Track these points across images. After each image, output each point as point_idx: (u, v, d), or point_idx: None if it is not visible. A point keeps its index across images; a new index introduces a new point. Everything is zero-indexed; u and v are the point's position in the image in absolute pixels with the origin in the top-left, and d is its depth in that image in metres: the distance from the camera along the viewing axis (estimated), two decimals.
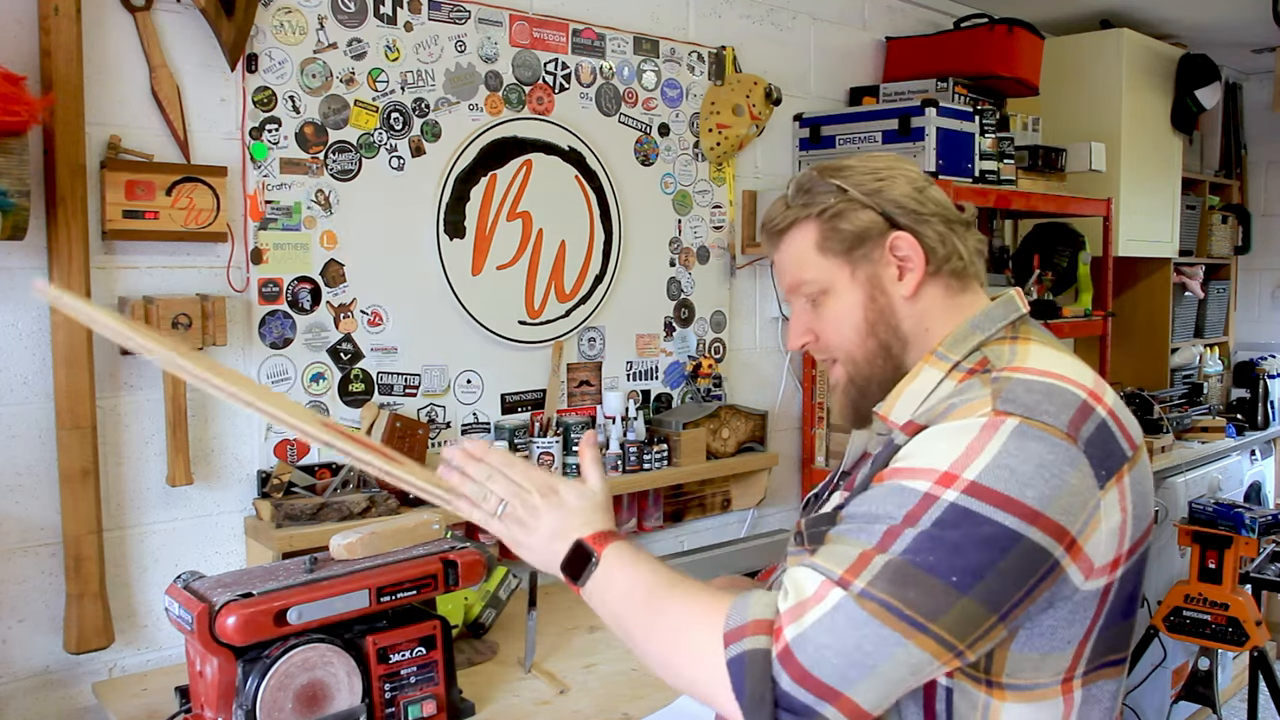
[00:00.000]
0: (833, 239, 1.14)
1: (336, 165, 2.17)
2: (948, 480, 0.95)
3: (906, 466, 1.00)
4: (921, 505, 0.95)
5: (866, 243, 1.13)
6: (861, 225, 1.13)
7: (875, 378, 1.15)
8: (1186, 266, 4.32)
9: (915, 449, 1.01)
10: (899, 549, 0.93)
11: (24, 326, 1.83)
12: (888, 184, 1.14)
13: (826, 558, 0.97)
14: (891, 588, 0.92)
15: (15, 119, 1.61)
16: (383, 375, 2.26)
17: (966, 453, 0.96)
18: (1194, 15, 3.84)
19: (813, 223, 1.15)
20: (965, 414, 1.00)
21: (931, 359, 1.11)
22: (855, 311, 1.15)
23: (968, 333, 1.12)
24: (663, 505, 2.65)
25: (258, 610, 1.44)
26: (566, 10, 2.52)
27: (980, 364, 1.08)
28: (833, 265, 1.15)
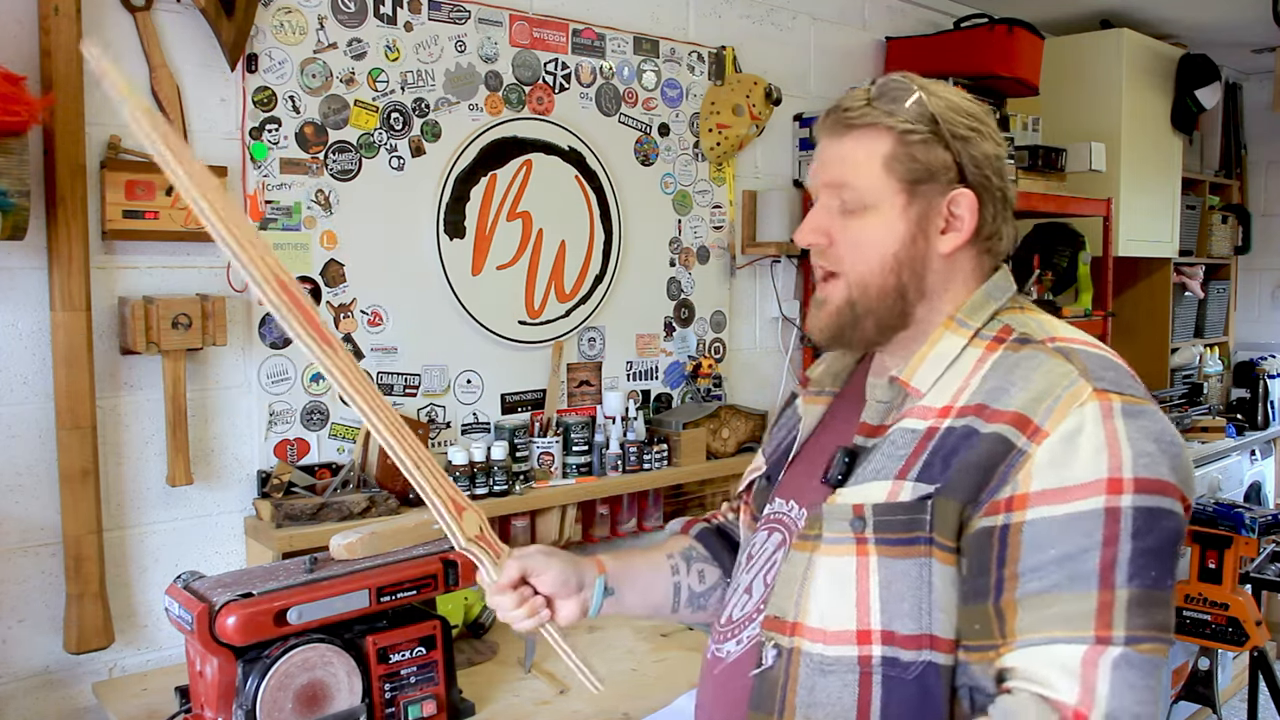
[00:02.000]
0: (903, 162, 1.06)
1: (336, 165, 2.16)
2: (1116, 487, 0.93)
3: (1061, 486, 0.94)
4: (1111, 524, 0.92)
5: (932, 183, 1.07)
6: (936, 164, 1.07)
7: (877, 313, 1.09)
8: (1186, 266, 4.33)
9: (1052, 464, 0.95)
10: (1123, 579, 0.92)
11: (24, 326, 1.83)
12: (978, 136, 1.08)
13: (1057, 625, 0.92)
14: (1145, 619, 0.92)
15: (15, 119, 1.61)
16: (383, 375, 2.26)
17: (1110, 451, 0.94)
18: (1194, 15, 3.84)
19: (890, 135, 1.07)
20: (1072, 402, 0.96)
21: (952, 325, 1.08)
22: (891, 242, 1.08)
23: (983, 300, 1.10)
24: (663, 505, 2.65)
25: (258, 610, 1.44)
26: (566, 10, 2.52)
27: (1004, 331, 1.06)
28: (890, 186, 1.07)
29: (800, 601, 1.05)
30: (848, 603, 1.02)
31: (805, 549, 1.07)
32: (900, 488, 1.01)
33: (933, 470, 1.00)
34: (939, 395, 1.05)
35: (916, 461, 1.02)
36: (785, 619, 1.06)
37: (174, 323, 1.88)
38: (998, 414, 0.99)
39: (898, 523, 1.00)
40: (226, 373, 2.05)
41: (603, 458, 2.48)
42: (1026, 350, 1.03)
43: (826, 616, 1.03)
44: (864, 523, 1.02)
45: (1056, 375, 0.99)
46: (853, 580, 1.02)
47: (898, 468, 1.03)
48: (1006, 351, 1.04)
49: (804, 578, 1.06)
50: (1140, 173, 3.77)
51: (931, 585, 0.99)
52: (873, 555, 1.01)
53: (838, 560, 1.03)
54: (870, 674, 1.00)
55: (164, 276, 1.96)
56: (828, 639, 1.02)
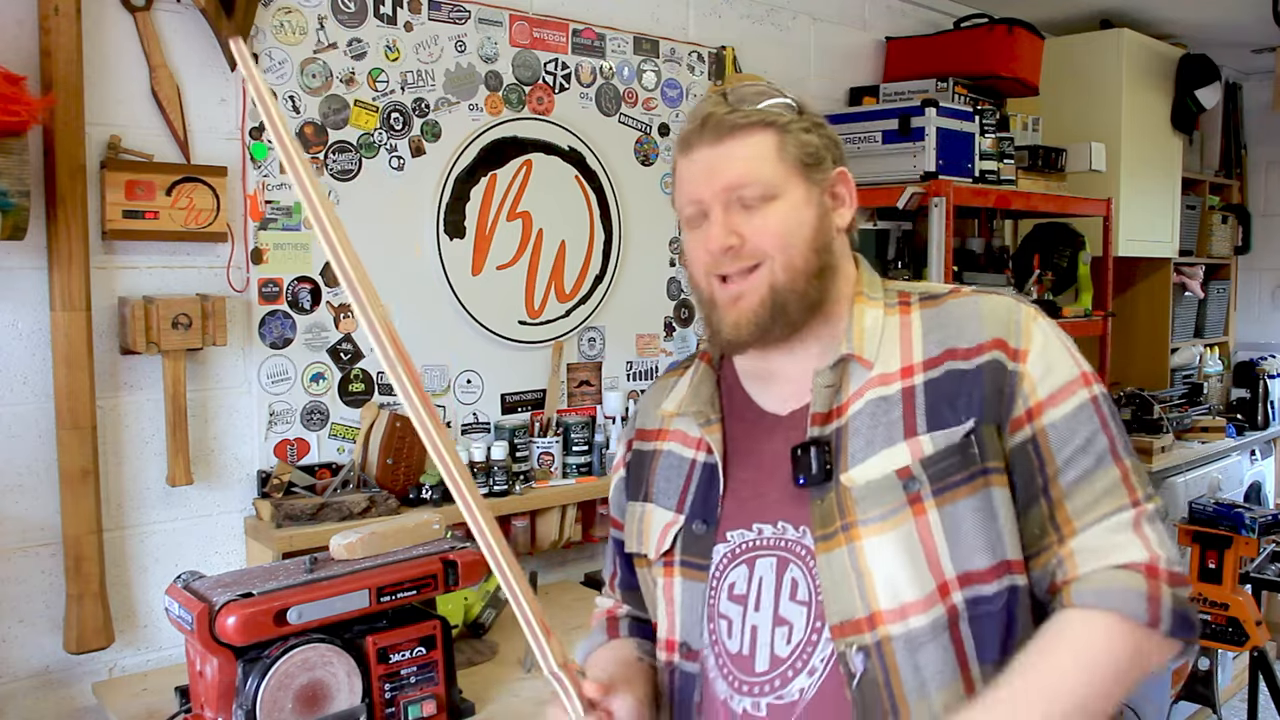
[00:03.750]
0: (793, 151, 1.11)
1: (337, 165, 2.16)
2: (1087, 380, 1.07)
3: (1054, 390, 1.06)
4: (1097, 409, 1.06)
5: (820, 166, 1.13)
6: (817, 148, 1.14)
7: (800, 294, 1.10)
8: (1186, 266, 4.32)
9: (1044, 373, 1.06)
10: (1122, 449, 1.06)
11: (24, 326, 1.83)
12: (826, 123, 1.18)
13: (1102, 502, 1.03)
14: (1144, 481, 1.06)
15: (15, 119, 1.61)
16: (383, 375, 2.25)
17: (1068, 351, 1.09)
18: (1194, 15, 3.84)
19: (773, 129, 1.12)
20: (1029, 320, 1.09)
21: (863, 299, 1.15)
22: (807, 225, 1.11)
23: (871, 275, 1.19)
24: None
25: (258, 610, 1.44)
26: (566, 10, 2.52)
27: (904, 296, 1.15)
28: (789, 175, 1.11)
29: (866, 593, 1.03)
30: (920, 567, 1.02)
31: (836, 545, 1.04)
32: (919, 444, 1.05)
33: (943, 416, 1.05)
34: (888, 361, 1.10)
35: (916, 418, 1.06)
36: (856, 617, 1.03)
37: (174, 323, 1.88)
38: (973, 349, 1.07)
39: (952, 465, 1.04)
40: (226, 373, 2.05)
41: (603, 458, 2.48)
42: (948, 301, 1.12)
43: (902, 591, 1.02)
44: (917, 481, 1.04)
45: (1003, 306, 1.10)
46: (917, 542, 1.03)
47: (900, 429, 1.06)
48: (924, 310, 1.12)
49: (856, 570, 1.03)
50: (1140, 173, 3.77)
51: (995, 513, 1.04)
52: (930, 510, 1.03)
53: (895, 532, 1.03)
54: (958, 622, 1.02)
55: (164, 276, 1.96)
56: (915, 610, 1.02)
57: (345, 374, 2.20)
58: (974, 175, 2.92)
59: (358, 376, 2.22)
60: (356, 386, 2.22)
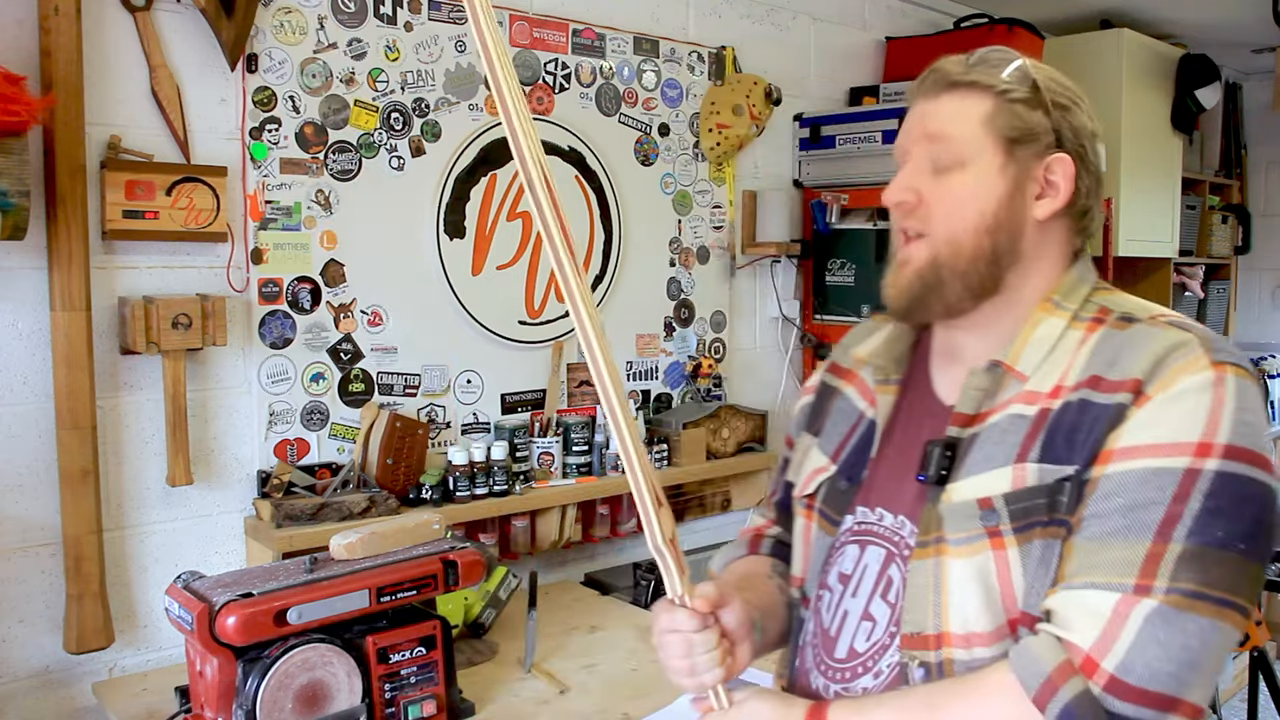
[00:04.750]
0: (1003, 120, 1.04)
1: (336, 165, 2.16)
2: (1205, 450, 0.91)
3: (1146, 443, 0.93)
4: (1186, 482, 0.90)
5: (1031, 145, 1.05)
6: (1036, 126, 1.04)
7: (966, 276, 1.05)
8: (1186, 266, 4.32)
9: (1148, 421, 0.94)
10: (1183, 534, 0.89)
11: (24, 326, 1.83)
12: (1077, 108, 1.06)
13: (1106, 570, 0.91)
14: (1196, 575, 0.89)
15: (15, 119, 1.61)
16: (383, 375, 2.26)
17: (1212, 417, 0.92)
18: (1194, 15, 3.83)
19: (990, 94, 1.05)
20: (1186, 371, 0.94)
21: (1049, 306, 1.05)
22: (989, 200, 1.04)
23: (1077, 282, 1.07)
24: None
25: (258, 610, 1.44)
26: (566, 10, 2.52)
27: (1103, 313, 1.03)
28: (988, 143, 1.04)
29: (940, 610, 1.00)
30: (994, 600, 0.98)
31: (927, 555, 1.02)
32: (1025, 471, 0.98)
33: (1056, 449, 0.97)
34: (1044, 379, 1.01)
35: (1033, 444, 0.98)
36: (926, 633, 1.01)
37: (174, 323, 1.88)
38: (1116, 385, 0.96)
39: (1035, 507, 0.97)
40: (226, 373, 2.05)
41: (603, 458, 2.48)
42: (1137, 326, 1.00)
43: (971, 620, 0.99)
44: (996, 515, 0.98)
45: (1174, 342, 0.96)
46: (994, 575, 0.98)
47: (1014, 453, 0.99)
48: (1110, 330, 1.01)
49: (936, 586, 1.01)
50: (1140, 173, 3.77)
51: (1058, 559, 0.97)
52: (1011, 547, 0.97)
53: (973, 560, 0.99)
54: None
55: (164, 276, 1.96)
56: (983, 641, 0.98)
57: (345, 374, 2.20)
58: None
59: (358, 376, 2.22)
60: (356, 386, 2.22)
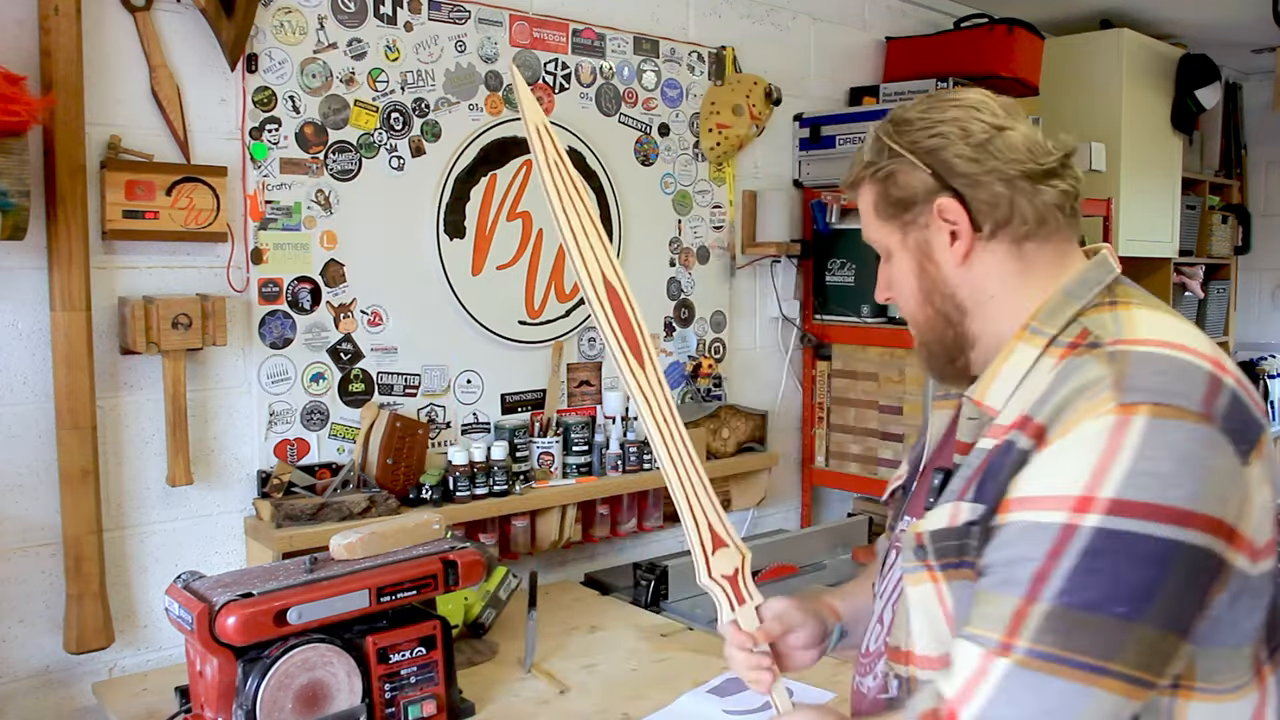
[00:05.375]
0: (885, 202, 1.08)
1: (336, 165, 2.16)
2: (1084, 505, 0.86)
3: (1033, 495, 0.90)
4: (1062, 539, 0.86)
5: (915, 206, 1.06)
6: (910, 189, 1.06)
7: (936, 343, 1.10)
8: (1186, 266, 4.32)
9: (1039, 471, 0.91)
10: (1051, 593, 0.86)
11: (24, 326, 1.83)
12: (942, 142, 1.05)
13: (979, 623, 0.91)
14: (1057, 638, 0.85)
15: (15, 119, 1.61)
16: (383, 375, 2.26)
17: (1099, 468, 0.86)
18: (1194, 15, 3.83)
19: (871, 183, 1.10)
20: (1088, 415, 0.89)
21: (1025, 334, 1.01)
22: (909, 278, 1.09)
23: (1063, 302, 1.02)
24: (663, 505, 2.65)
25: (258, 610, 1.44)
26: (566, 10, 2.52)
27: (1080, 337, 0.98)
28: (888, 229, 1.10)
29: (909, 631, 1.07)
30: (939, 628, 1.02)
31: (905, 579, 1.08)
32: (959, 510, 0.99)
33: (984, 489, 0.97)
34: (1011, 412, 0.98)
35: (974, 482, 0.99)
36: (901, 649, 1.08)
37: (174, 323, 1.88)
38: (1030, 425, 0.95)
39: (951, 548, 0.99)
40: (226, 373, 2.05)
41: (603, 458, 2.48)
42: (1084, 355, 0.95)
43: (928, 644, 1.04)
44: (925, 551, 1.01)
45: (1086, 382, 0.92)
46: (936, 605, 1.02)
47: (960, 489, 1.00)
48: (1072, 359, 0.96)
49: (906, 607, 1.07)
50: (1140, 173, 3.77)
51: None
52: (942, 581, 1.01)
53: (919, 589, 1.04)
54: None
55: (164, 276, 1.96)
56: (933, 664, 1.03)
57: (345, 374, 2.20)
58: None
59: (358, 376, 2.22)
60: (356, 386, 2.22)
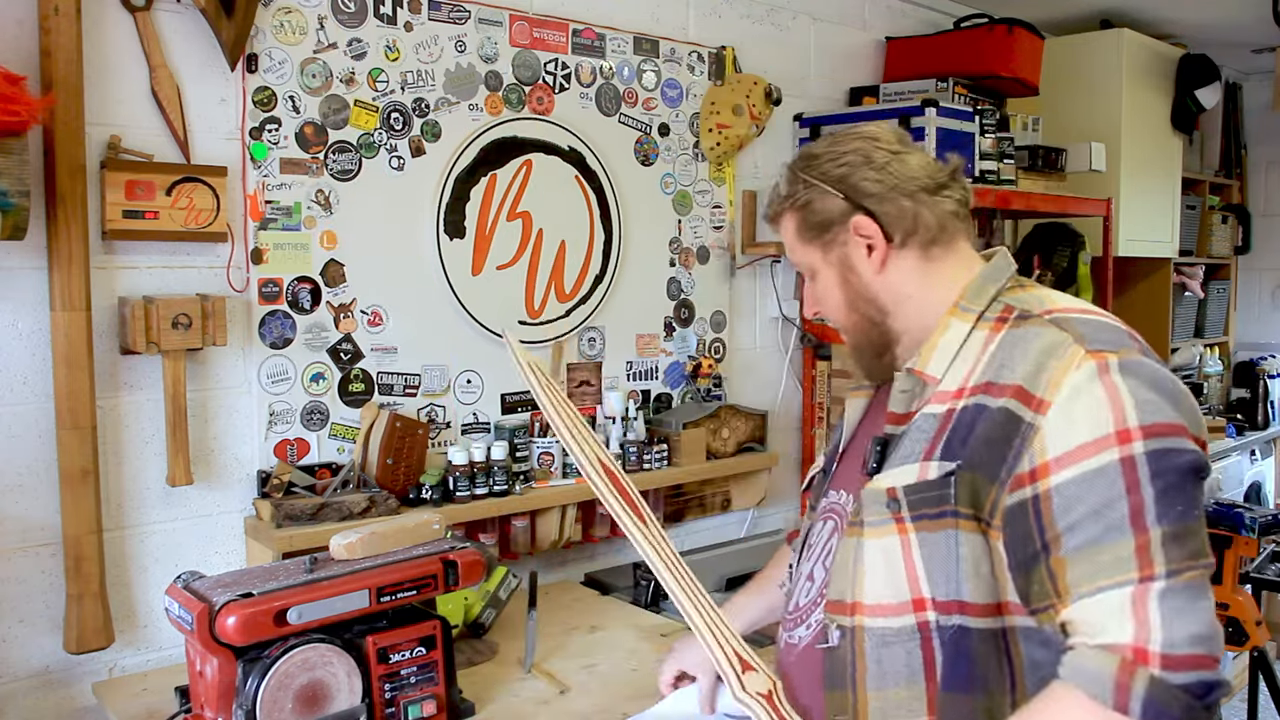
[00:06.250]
0: (805, 227, 1.25)
1: (336, 165, 2.16)
2: (1125, 437, 1.00)
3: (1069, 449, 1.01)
4: (1128, 471, 0.99)
5: (834, 227, 1.23)
6: (827, 212, 1.23)
7: (865, 343, 1.26)
8: (1186, 266, 4.32)
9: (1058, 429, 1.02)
10: (1152, 519, 0.98)
11: (24, 326, 1.83)
12: (848, 169, 1.21)
13: (1102, 573, 0.99)
14: (1181, 552, 0.98)
15: (15, 119, 1.61)
16: (383, 375, 2.26)
17: (1112, 405, 1.01)
18: (1194, 15, 3.84)
19: (791, 213, 1.27)
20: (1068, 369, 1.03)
21: (956, 311, 1.18)
22: (834, 290, 1.26)
23: (982, 285, 1.19)
24: (663, 505, 2.65)
25: (258, 610, 1.44)
26: (566, 10, 2.52)
27: (1006, 311, 1.15)
28: (810, 250, 1.26)
29: (855, 583, 1.15)
30: (897, 577, 1.12)
31: (854, 534, 1.17)
32: (927, 468, 1.11)
33: (952, 448, 1.10)
34: (953, 380, 1.14)
35: (939, 443, 1.12)
36: (845, 600, 1.17)
37: (174, 323, 1.88)
38: (1001, 389, 1.08)
39: (927, 499, 1.10)
40: (226, 373, 2.05)
41: None
42: (1027, 326, 1.11)
43: (881, 593, 1.13)
44: (898, 503, 1.12)
45: (1050, 344, 1.07)
46: (900, 556, 1.12)
47: (923, 450, 1.13)
48: (1010, 329, 1.13)
49: (855, 560, 1.16)
50: (1140, 173, 3.77)
51: (959, 555, 1.08)
52: (910, 533, 1.11)
53: (882, 540, 1.13)
54: (930, 637, 1.10)
55: (164, 276, 1.96)
56: (887, 611, 1.12)
57: (345, 374, 2.20)
58: (974, 175, 2.92)
59: (358, 376, 2.22)
60: (356, 386, 2.22)
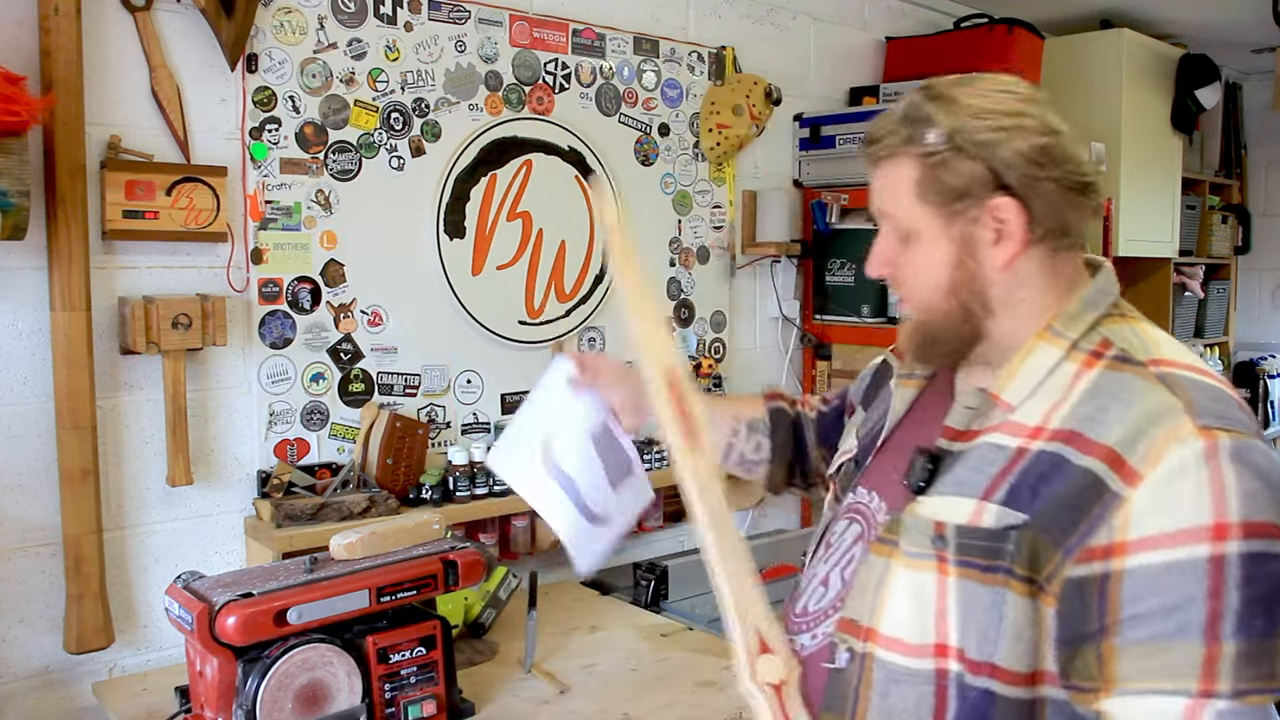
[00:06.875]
0: (932, 186, 1.02)
1: (336, 165, 2.16)
2: (1220, 533, 0.88)
3: (1157, 533, 0.89)
4: (1215, 573, 0.87)
5: (967, 198, 1.01)
6: (965, 180, 1.01)
7: (945, 335, 1.06)
8: (1186, 266, 4.32)
9: (1151, 507, 0.90)
10: (1229, 631, 0.87)
11: (24, 326, 1.83)
12: (1006, 136, 1.00)
13: (1166, 675, 0.88)
14: (1253, 671, 0.87)
15: (15, 119, 1.61)
16: (383, 375, 2.26)
17: (1214, 495, 0.88)
18: (1194, 15, 3.83)
19: (914, 161, 1.03)
20: (1172, 442, 0.90)
21: (1048, 335, 1.02)
22: (940, 269, 1.04)
23: (1082, 310, 1.04)
24: (663, 505, 2.65)
25: (258, 610, 1.44)
26: (566, 10, 2.52)
27: (1103, 346, 1.00)
28: (926, 213, 1.03)
29: (876, 608, 1.03)
30: (925, 618, 1.00)
31: (883, 553, 1.05)
32: (984, 510, 0.98)
33: (1019, 496, 0.96)
34: (1031, 412, 1.00)
35: (1003, 483, 0.98)
36: (860, 623, 1.05)
37: (174, 323, 1.88)
38: (1091, 445, 0.94)
39: (979, 548, 0.97)
40: (226, 373, 2.05)
41: None
42: (1127, 372, 0.97)
43: (903, 627, 1.01)
44: (945, 542, 0.99)
45: (1156, 408, 0.93)
46: (932, 596, 1.00)
47: (983, 486, 0.99)
48: (1105, 370, 0.99)
49: (881, 584, 1.04)
50: (1140, 173, 3.77)
51: (1003, 615, 0.96)
52: (951, 575, 0.99)
53: (917, 574, 1.01)
54: (946, 687, 0.99)
55: (164, 276, 1.96)
56: (905, 650, 1.01)
57: (345, 374, 2.20)
58: None
59: (358, 376, 2.22)
60: (356, 386, 2.22)
